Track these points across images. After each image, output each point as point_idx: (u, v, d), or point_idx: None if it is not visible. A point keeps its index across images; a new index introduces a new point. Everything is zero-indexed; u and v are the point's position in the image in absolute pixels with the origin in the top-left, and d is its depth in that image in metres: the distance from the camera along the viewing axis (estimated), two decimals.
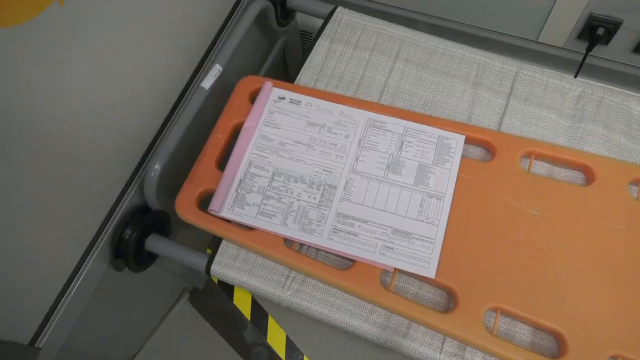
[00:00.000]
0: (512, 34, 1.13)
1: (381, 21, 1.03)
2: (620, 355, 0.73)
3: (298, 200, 0.84)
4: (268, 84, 0.93)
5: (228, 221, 0.85)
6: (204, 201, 0.87)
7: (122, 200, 0.88)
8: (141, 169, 0.90)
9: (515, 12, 1.07)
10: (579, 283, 0.78)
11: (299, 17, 1.24)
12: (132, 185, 0.89)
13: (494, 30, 1.14)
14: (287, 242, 0.84)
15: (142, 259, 0.92)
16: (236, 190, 0.85)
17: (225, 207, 0.84)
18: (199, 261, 0.86)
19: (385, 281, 0.81)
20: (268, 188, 0.85)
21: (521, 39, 1.12)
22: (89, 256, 0.84)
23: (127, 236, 0.87)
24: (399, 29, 1.02)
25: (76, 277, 0.83)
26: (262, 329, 1.27)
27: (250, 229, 0.84)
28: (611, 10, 0.97)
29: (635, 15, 0.96)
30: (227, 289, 1.33)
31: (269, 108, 0.92)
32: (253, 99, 0.94)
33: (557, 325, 0.75)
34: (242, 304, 1.30)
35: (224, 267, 0.84)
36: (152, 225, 0.92)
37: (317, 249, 0.84)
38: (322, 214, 0.83)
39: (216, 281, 1.34)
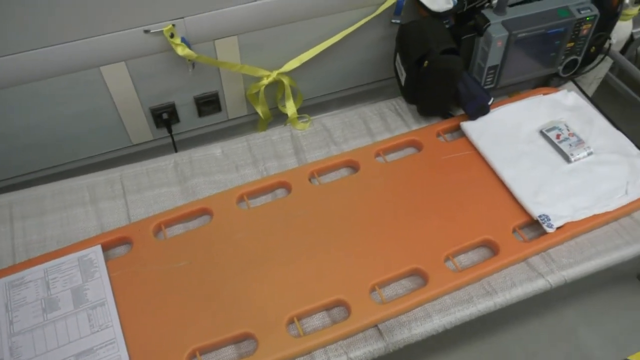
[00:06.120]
0: (113, 149, 1.30)
1: None
2: (294, 315, 0.92)
3: None
4: None
5: None
6: None
7: None
8: None
9: (99, 134, 1.24)
10: (238, 289, 0.94)
11: None
12: None
13: (96, 154, 1.29)
14: None
15: None
16: None
17: None
18: None
19: None
20: None
21: (122, 148, 1.31)
22: None
23: None
24: (2, 196, 1.08)
25: None
26: None
27: None
28: (158, 99, 1.23)
29: (175, 95, 1.23)
30: None
31: None
32: None
33: (243, 329, 0.89)
34: None
35: None
36: None
37: None
38: None
39: None
